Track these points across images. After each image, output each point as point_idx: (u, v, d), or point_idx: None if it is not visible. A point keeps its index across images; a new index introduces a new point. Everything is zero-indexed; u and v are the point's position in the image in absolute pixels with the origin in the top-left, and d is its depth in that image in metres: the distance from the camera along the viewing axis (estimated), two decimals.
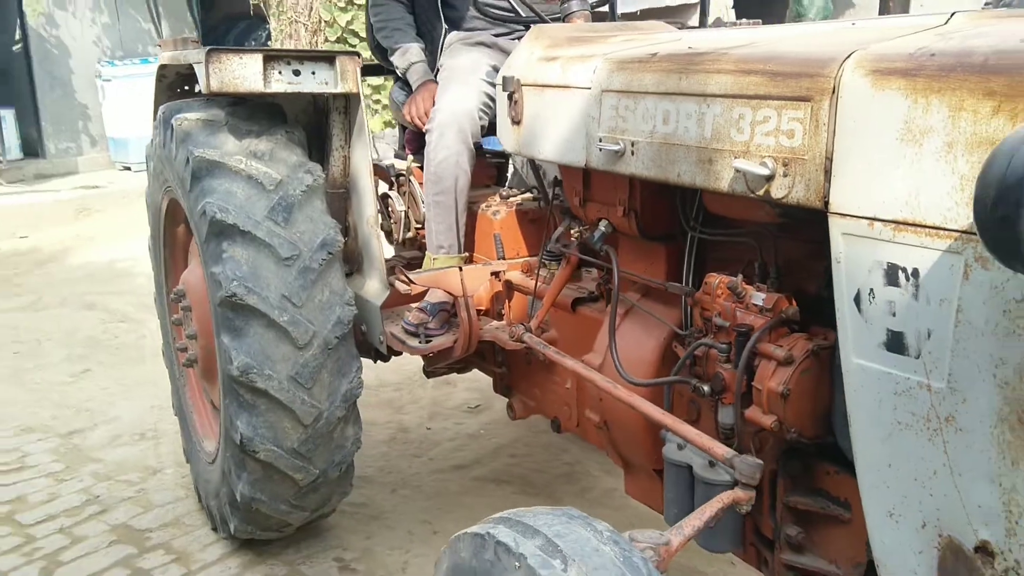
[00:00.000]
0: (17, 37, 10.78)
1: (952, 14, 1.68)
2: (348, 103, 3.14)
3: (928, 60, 1.46)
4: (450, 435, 4.37)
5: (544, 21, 3.08)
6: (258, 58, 2.87)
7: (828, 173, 1.63)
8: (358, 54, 2.99)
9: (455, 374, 3.95)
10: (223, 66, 2.85)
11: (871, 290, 1.58)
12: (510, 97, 2.58)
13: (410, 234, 3.43)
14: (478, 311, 3.08)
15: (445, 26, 3.34)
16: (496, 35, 3.25)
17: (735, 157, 1.80)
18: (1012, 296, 1.35)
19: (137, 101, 9.52)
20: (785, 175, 1.71)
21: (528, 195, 3.22)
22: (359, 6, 10.58)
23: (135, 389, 5.10)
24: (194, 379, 3.67)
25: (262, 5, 10.78)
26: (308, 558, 3.34)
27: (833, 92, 1.60)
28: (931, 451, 1.54)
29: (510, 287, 3.02)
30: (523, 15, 3.16)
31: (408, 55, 3.32)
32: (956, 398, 1.48)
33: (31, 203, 9.39)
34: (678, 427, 2.01)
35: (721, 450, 1.89)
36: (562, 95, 2.33)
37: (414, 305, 3.13)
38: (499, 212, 3.16)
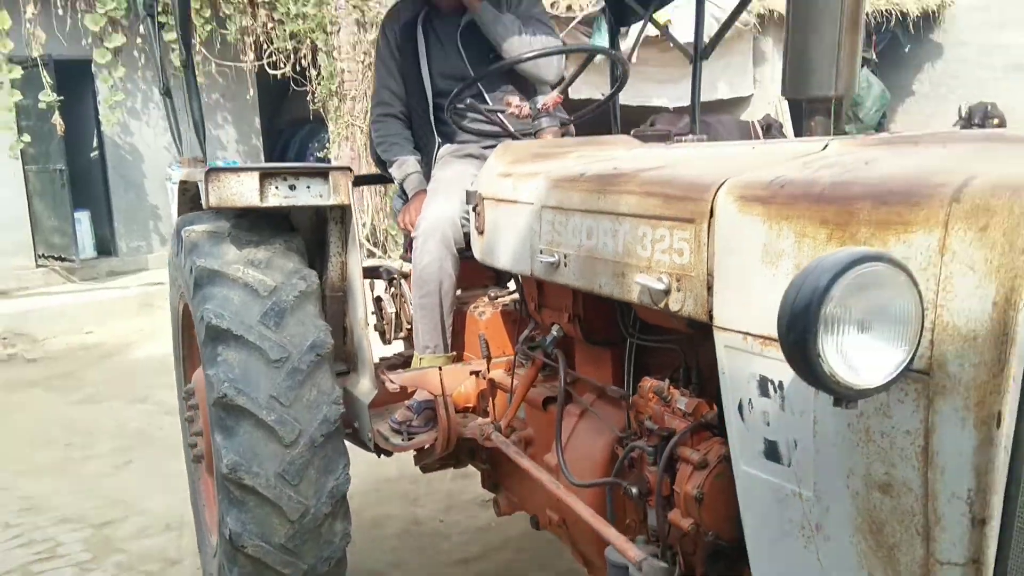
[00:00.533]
0: (94, 145, 11.46)
1: (828, 142, 1.79)
2: (344, 213, 3.34)
3: (780, 189, 1.57)
4: (461, 528, 4.45)
5: (516, 137, 3.26)
6: (255, 176, 3.10)
7: (710, 289, 1.74)
8: (350, 169, 3.20)
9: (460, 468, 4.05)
10: (221, 184, 3.08)
11: (750, 400, 1.67)
12: (474, 209, 2.75)
13: (402, 334, 3.59)
14: (466, 409, 3.20)
15: (439, 139, 3.54)
16: (485, 147, 3.45)
17: (639, 272, 1.92)
18: (893, 416, 1.42)
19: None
20: (678, 290, 1.82)
21: (515, 296, 3.37)
22: None
23: (171, 481, 5.29)
24: (204, 474, 3.84)
25: (322, 110, 11.32)
26: None
27: (711, 215, 1.71)
28: (808, 558, 1.60)
29: (493, 385, 3.14)
30: (503, 131, 3.35)
31: (404, 167, 3.54)
32: (822, 507, 1.55)
33: (100, 300, 9.87)
34: (602, 528, 2.08)
35: (634, 553, 1.96)
36: (513, 209, 2.49)
37: (404, 403, 3.26)
38: (485, 313, 3.30)
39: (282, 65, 11.33)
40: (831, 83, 2.16)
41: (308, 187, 3.18)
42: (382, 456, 3.61)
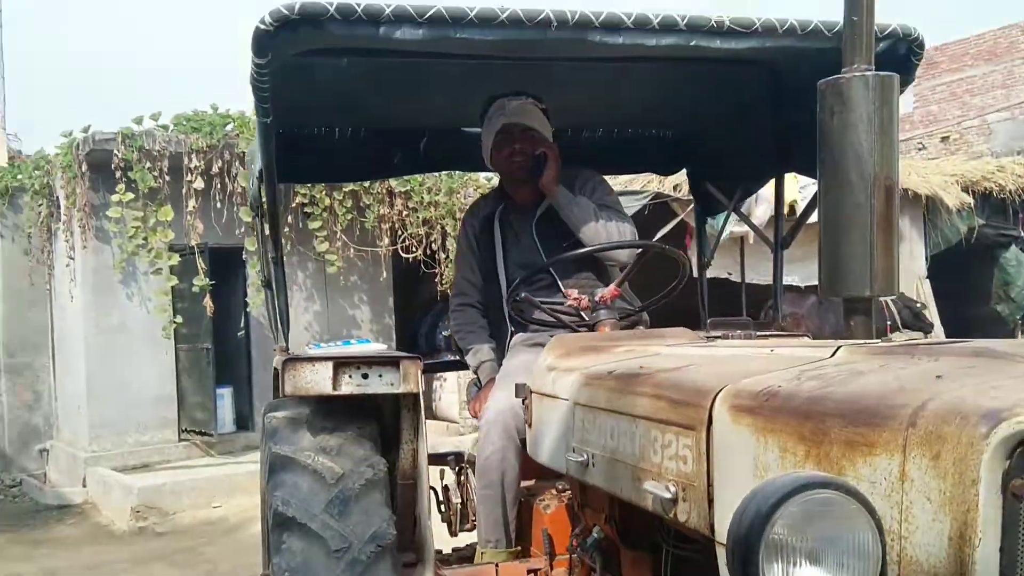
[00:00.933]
0: (241, 325, 12.14)
1: (837, 348, 1.73)
2: (415, 401, 3.40)
3: (766, 401, 1.51)
4: None
5: (574, 330, 3.27)
6: (329, 365, 3.21)
7: (711, 502, 1.66)
8: (419, 357, 3.27)
9: None
10: (297, 373, 3.20)
11: None
12: (523, 402, 2.74)
13: (468, 526, 3.54)
14: None
15: (511, 328, 3.60)
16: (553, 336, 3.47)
17: (651, 479, 1.86)
18: None
19: None
20: (684, 500, 1.75)
21: None
22: None
23: None
24: None
25: (449, 291, 11.71)
26: None
27: (709, 423, 1.66)
28: None
29: None
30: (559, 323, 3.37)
31: (479, 355, 3.59)
32: None
33: (231, 473, 10.18)
34: None
35: None
36: (553, 404, 2.48)
37: None
38: (550, 506, 3.24)
39: (414, 249, 11.85)
40: (866, 283, 2.10)
41: (380, 375, 3.26)
42: None
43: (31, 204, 11.92)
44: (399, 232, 11.95)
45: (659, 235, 10.93)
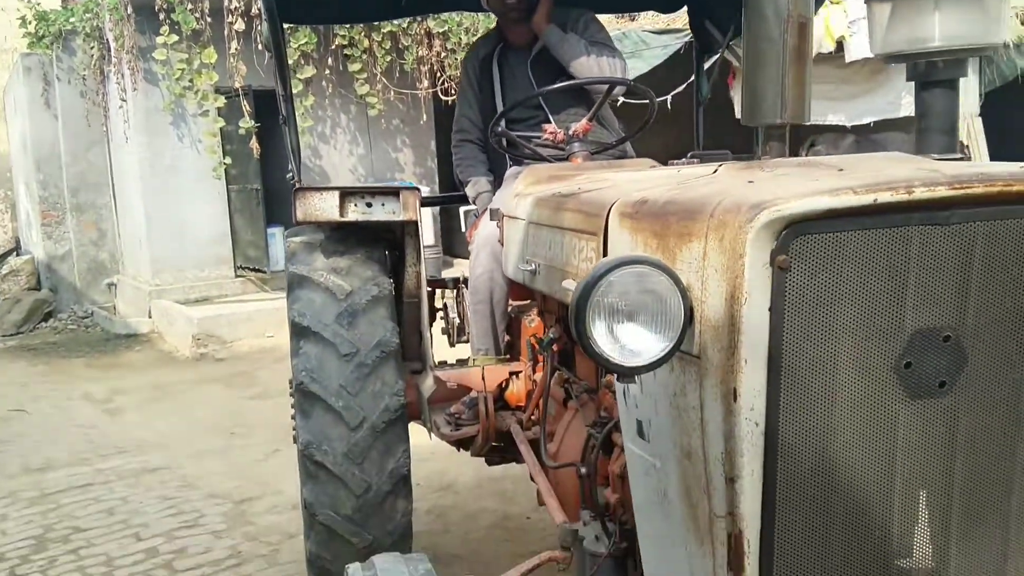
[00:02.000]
0: (289, 167, 12.56)
1: (719, 167, 2.04)
2: (415, 229, 3.78)
3: (640, 207, 1.85)
4: (545, 524, 4.77)
5: (549, 161, 3.58)
6: (336, 194, 3.59)
7: None
8: (418, 189, 3.64)
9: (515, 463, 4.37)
10: (307, 201, 3.59)
11: (627, 387, 1.95)
12: (498, 225, 3.11)
13: (464, 338, 3.98)
14: (518, 407, 3.55)
15: (510, 162, 3.92)
16: None
17: (569, 278, 2.23)
18: (674, 391, 1.70)
19: None
20: None
21: None
22: None
23: None
24: None
25: None
26: None
27: (606, 229, 2.01)
28: (663, 524, 1.87)
29: (534, 385, 3.48)
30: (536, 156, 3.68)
31: (477, 187, 3.94)
32: (666, 476, 1.82)
33: (284, 307, 10.83)
34: (548, 501, 2.39)
35: (559, 517, 2.26)
36: (515, 224, 2.84)
37: (462, 399, 3.66)
38: (534, 320, 3.64)
39: (453, 92, 12.05)
40: (778, 111, 2.38)
41: (383, 204, 3.64)
42: (461, 450, 4.00)
43: (83, 47, 12.28)
44: (438, 74, 12.12)
45: None
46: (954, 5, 3.14)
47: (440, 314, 4.28)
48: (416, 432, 3.73)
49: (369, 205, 3.64)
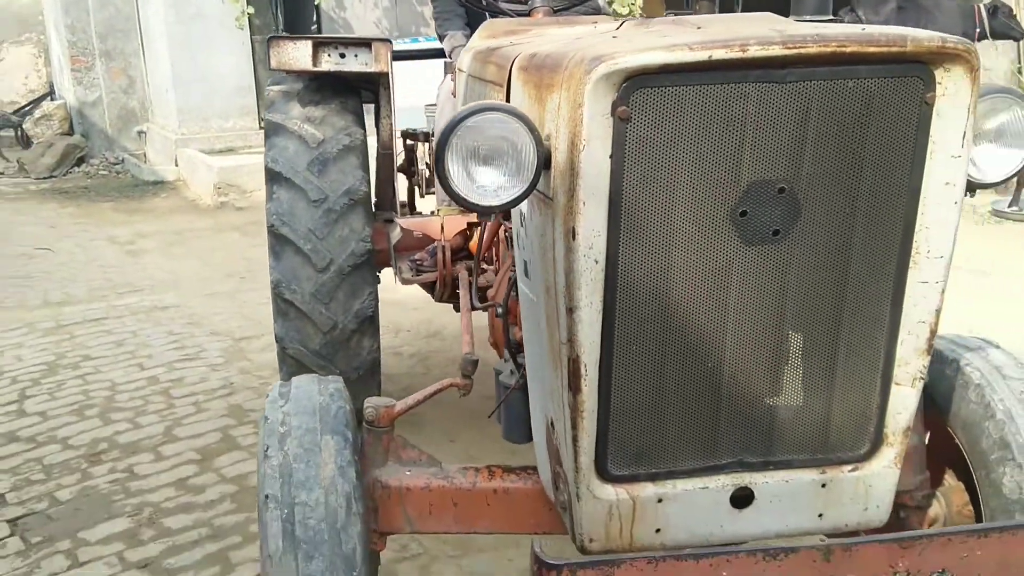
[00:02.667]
0: (313, 19, 12.52)
1: (623, 23, 2.13)
2: (387, 81, 3.87)
3: (531, 60, 1.97)
4: None
5: (509, 15, 3.63)
6: (308, 44, 3.69)
7: None
8: (389, 41, 3.73)
9: None
10: (281, 50, 3.70)
11: (519, 230, 2.11)
12: (452, 79, 3.21)
13: (432, 190, 4.14)
14: (482, 257, 3.73)
15: (488, 15, 3.97)
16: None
17: None
18: (541, 231, 1.85)
19: (405, 73, 10.85)
20: None
21: None
22: None
23: None
24: None
25: None
26: None
27: (509, 81, 2.13)
28: (538, 351, 2.05)
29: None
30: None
31: (452, 41, 4.01)
32: (539, 309, 1.99)
33: None
34: (463, 335, 2.60)
35: (465, 348, 2.47)
36: (461, 77, 2.94)
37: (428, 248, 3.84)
38: None
39: None
40: None
41: (356, 55, 3.74)
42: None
43: None
44: None
45: None
46: None
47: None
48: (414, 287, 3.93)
49: (343, 56, 3.74)
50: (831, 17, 2.19)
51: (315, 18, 12.47)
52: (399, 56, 4.40)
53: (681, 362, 1.79)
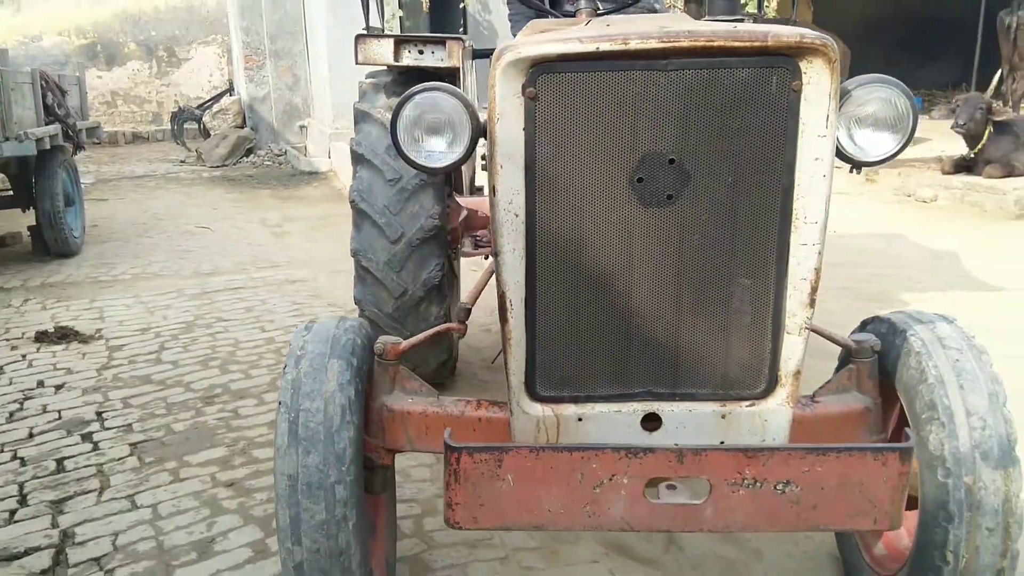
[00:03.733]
0: (460, 23, 13.20)
1: (590, 21, 2.50)
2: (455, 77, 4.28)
3: (503, 52, 2.37)
4: None
5: (556, 15, 4.00)
6: (391, 41, 4.19)
7: None
8: (462, 39, 4.18)
9: None
10: (367, 46, 4.22)
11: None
12: None
13: None
14: None
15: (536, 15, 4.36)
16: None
17: None
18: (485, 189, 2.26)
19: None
20: None
21: None
22: None
23: None
24: None
25: None
26: None
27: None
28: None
29: None
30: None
31: None
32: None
33: None
34: (472, 289, 3.02)
35: (465, 298, 2.89)
36: None
37: None
38: None
39: None
40: None
41: (432, 52, 4.21)
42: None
43: None
44: None
45: None
46: None
47: None
48: None
49: (420, 52, 4.23)
50: (738, 17, 2.38)
51: (462, 21, 13.15)
52: (480, 54, 4.86)
53: (595, 304, 2.16)
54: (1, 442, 4.39)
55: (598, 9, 3.94)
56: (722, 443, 2.21)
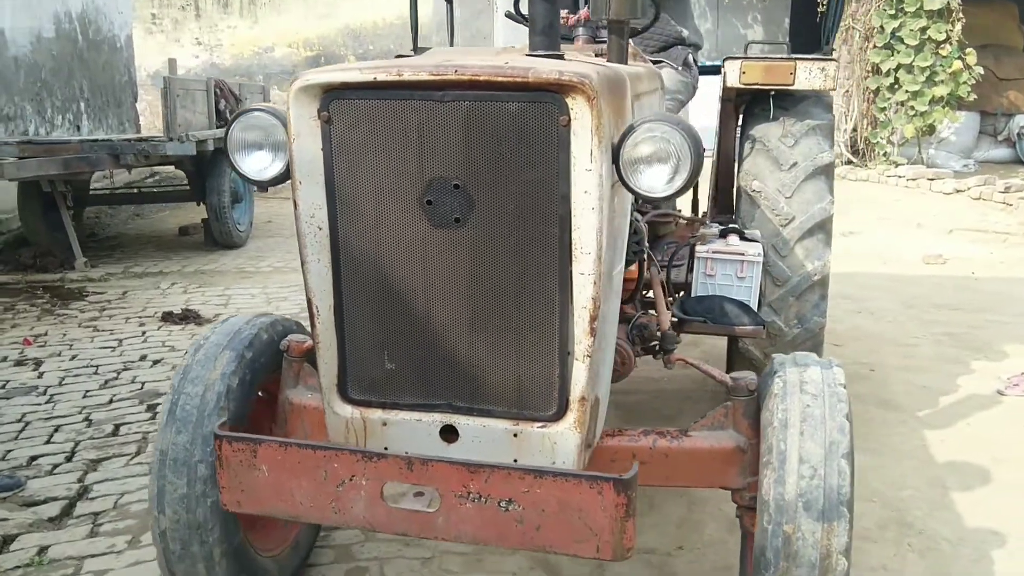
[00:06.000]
0: None
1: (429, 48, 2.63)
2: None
3: None
4: None
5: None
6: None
7: None
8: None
9: None
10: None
11: None
12: None
13: None
14: None
15: None
16: None
17: None
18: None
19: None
20: None
21: None
22: (908, 13, 10.86)
23: None
24: None
25: None
26: None
27: None
28: None
29: None
30: None
31: None
32: None
33: None
34: None
35: None
36: None
37: None
38: None
39: None
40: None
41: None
42: None
43: None
44: None
45: None
46: None
47: None
48: None
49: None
50: (557, 53, 2.33)
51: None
52: None
53: (398, 316, 2.30)
54: (84, 405, 5.00)
55: (596, 37, 4.01)
56: (515, 461, 2.28)
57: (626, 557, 2.02)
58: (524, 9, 4.21)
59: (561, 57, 2.22)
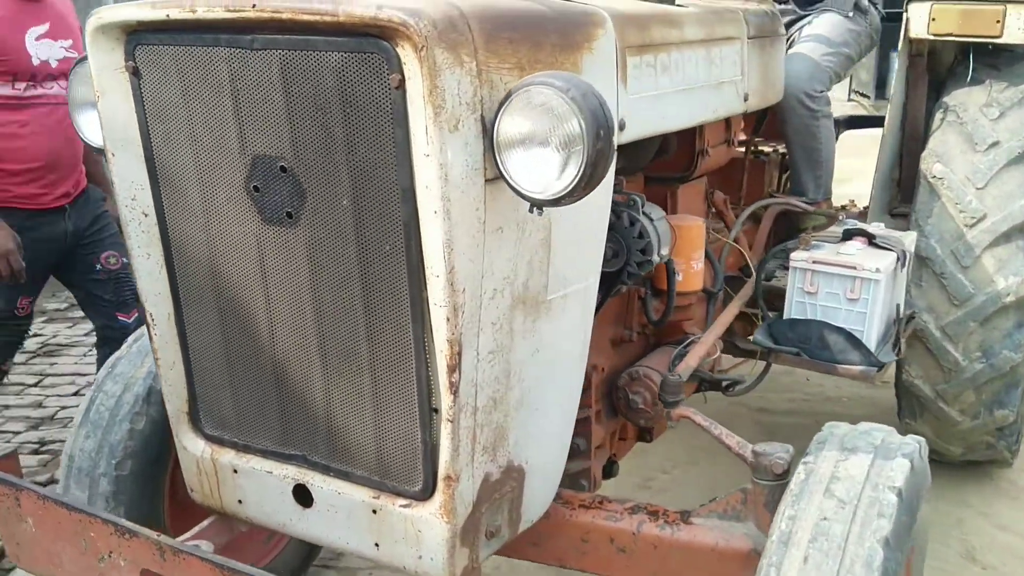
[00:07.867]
0: None
1: None
2: None
3: None
4: None
5: None
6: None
7: None
8: None
9: None
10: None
11: None
12: None
13: None
14: None
15: None
16: None
17: None
18: None
19: None
20: None
21: None
22: None
23: None
24: None
25: None
26: None
27: None
28: None
29: None
30: None
31: None
32: None
33: None
34: None
35: None
36: None
37: None
38: None
39: None
40: None
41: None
42: None
43: None
44: None
45: None
46: None
47: None
48: None
49: None
50: None
51: None
52: None
53: (238, 338, 1.74)
54: None
55: None
56: (377, 546, 1.67)
57: None
58: None
59: None
